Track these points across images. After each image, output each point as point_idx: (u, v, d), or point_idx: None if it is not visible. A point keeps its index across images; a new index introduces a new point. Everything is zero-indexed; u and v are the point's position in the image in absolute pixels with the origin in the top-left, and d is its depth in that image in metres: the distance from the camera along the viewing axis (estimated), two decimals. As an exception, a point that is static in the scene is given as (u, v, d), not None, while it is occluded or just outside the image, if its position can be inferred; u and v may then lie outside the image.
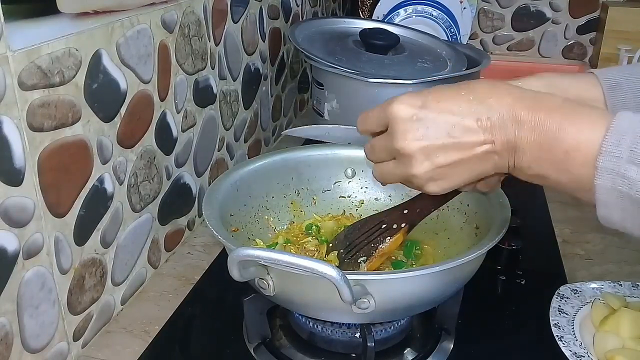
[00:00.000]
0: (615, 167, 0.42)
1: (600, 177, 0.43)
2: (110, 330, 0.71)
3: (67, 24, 0.58)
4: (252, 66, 1.07)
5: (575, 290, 0.73)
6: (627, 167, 0.41)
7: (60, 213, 0.60)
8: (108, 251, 0.70)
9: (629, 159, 0.41)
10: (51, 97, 0.57)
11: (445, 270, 0.54)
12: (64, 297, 0.63)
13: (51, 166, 0.58)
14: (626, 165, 0.41)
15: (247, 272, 0.54)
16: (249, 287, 0.61)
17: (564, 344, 0.63)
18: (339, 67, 1.00)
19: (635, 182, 0.41)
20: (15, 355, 0.57)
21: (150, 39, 0.73)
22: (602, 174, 0.43)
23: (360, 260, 0.65)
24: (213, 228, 0.60)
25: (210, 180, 0.94)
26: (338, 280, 0.49)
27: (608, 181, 0.42)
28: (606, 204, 0.44)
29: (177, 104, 0.81)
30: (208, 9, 0.87)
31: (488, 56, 1.15)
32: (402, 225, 0.65)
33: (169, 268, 0.83)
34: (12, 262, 0.55)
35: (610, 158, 0.42)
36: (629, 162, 0.41)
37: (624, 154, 0.42)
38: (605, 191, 0.43)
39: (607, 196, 0.43)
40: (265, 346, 0.66)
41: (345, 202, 0.81)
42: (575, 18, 1.63)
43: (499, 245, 0.77)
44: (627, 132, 0.42)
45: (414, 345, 0.67)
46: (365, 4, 1.60)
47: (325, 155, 0.79)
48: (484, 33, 1.72)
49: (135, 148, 0.72)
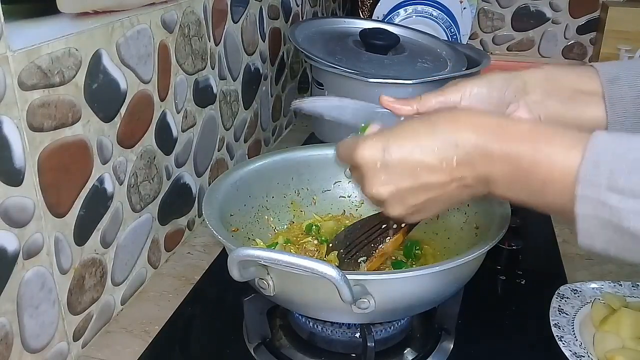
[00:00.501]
0: (595, 195, 0.40)
1: (580, 207, 0.41)
2: (110, 330, 0.71)
3: (67, 24, 0.58)
4: (252, 66, 1.07)
5: (575, 290, 0.73)
6: (608, 195, 0.39)
7: (60, 213, 0.60)
8: (108, 251, 0.70)
9: (608, 186, 0.39)
10: (51, 97, 0.57)
11: (445, 270, 0.54)
12: (64, 297, 0.63)
13: (51, 166, 0.58)
14: (606, 194, 0.39)
15: (247, 272, 0.54)
16: (249, 287, 0.61)
17: (564, 344, 0.63)
18: (339, 67, 1.00)
19: (617, 210, 0.39)
20: (15, 355, 0.57)
21: (150, 39, 0.73)
22: (582, 203, 0.40)
23: (360, 260, 0.65)
24: (213, 228, 0.60)
25: (210, 180, 0.94)
26: (338, 280, 0.49)
27: (589, 210, 0.40)
28: (588, 232, 0.42)
29: (177, 104, 0.81)
30: (208, 9, 0.87)
31: (488, 56, 1.15)
32: (402, 225, 0.65)
33: (169, 268, 0.83)
34: (12, 262, 0.55)
35: (589, 186, 0.40)
36: (608, 189, 0.39)
37: (602, 181, 0.39)
38: (586, 220, 0.41)
39: (589, 225, 0.41)
40: (265, 346, 0.66)
41: (345, 202, 0.81)
42: (575, 18, 1.63)
43: (499, 245, 0.76)
44: (605, 156, 0.40)
45: (414, 345, 0.67)
46: (365, 4, 1.60)
47: (325, 155, 0.79)
48: (484, 33, 1.72)
49: (135, 148, 0.72)
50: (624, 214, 0.39)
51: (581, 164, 0.40)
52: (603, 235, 0.41)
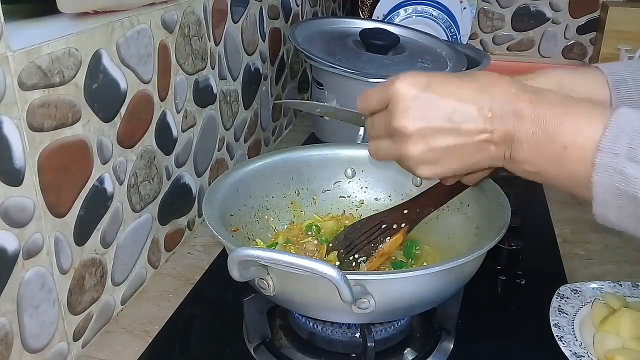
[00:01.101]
0: (613, 163, 0.41)
1: (597, 174, 0.42)
2: (110, 330, 0.71)
3: (67, 24, 0.58)
4: (252, 66, 1.07)
5: (575, 290, 0.72)
6: (625, 164, 0.41)
7: (60, 213, 0.60)
8: (108, 251, 0.70)
9: (627, 156, 0.41)
10: (51, 97, 0.57)
11: (445, 270, 0.54)
12: (64, 297, 0.63)
13: (51, 166, 0.58)
14: (624, 163, 0.41)
15: (247, 272, 0.54)
16: (249, 287, 0.61)
17: (564, 344, 0.63)
18: (339, 67, 1.00)
19: (633, 180, 0.41)
20: (15, 355, 0.57)
21: (150, 39, 0.73)
22: (600, 171, 0.42)
23: (360, 260, 0.65)
24: (213, 228, 0.60)
25: (210, 180, 0.94)
26: (338, 280, 0.49)
27: (605, 178, 0.42)
28: (603, 201, 0.43)
29: (177, 104, 0.81)
30: (208, 9, 0.87)
31: (488, 56, 1.15)
32: (402, 225, 0.65)
33: (169, 268, 0.83)
34: (12, 262, 0.55)
35: (608, 155, 0.42)
36: (627, 159, 0.41)
37: (622, 150, 0.41)
38: (602, 188, 0.42)
39: (604, 193, 0.43)
40: (265, 346, 0.66)
41: (345, 202, 0.81)
42: (575, 18, 1.63)
43: (499, 245, 0.77)
44: (625, 128, 0.42)
45: (414, 345, 0.67)
46: (365, 4, 1.60)
47: (325, 155, 0.79)
48: (484, 33, 1.72)
49: (135, 148, 0.72)
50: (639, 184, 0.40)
51: (602, 134, 0.42)
52: (617, 205, 0.42)
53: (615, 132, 0.42)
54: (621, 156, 0.41)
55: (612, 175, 0.42)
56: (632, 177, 0.41)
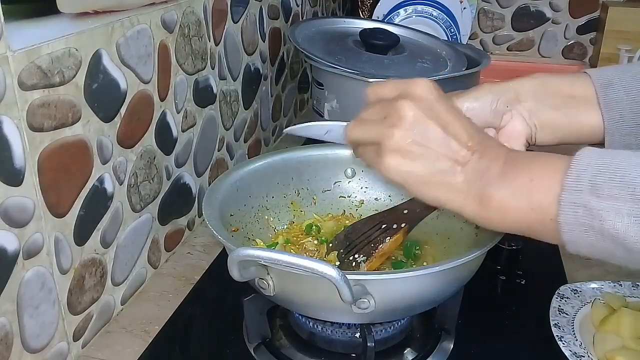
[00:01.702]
0: (578, 199, 0.42)
1: (564, 214, 0.43)
2: (110, 330, 0.71)
3: (67, 24, 0.58)
4: (252, 66, 1.07)
5: (575, 290, 0.73)
6: (589, 199, 0.42)
7: (60, 213, 0.60)
8: (108, 251, 0.70)
9: (590, 191, 0.42)
10: (51, 97, 0.57)
11: (445, 270, 0.54)
12: (64, 297, 0.63)
13: (51, 166, 0.58)
14: (588, 197, 0.42)
15: (247, 272, 0.54)
16: (249, 287, 0.61)
17: (564, 344, 0.63)
18: (339, 67, 1.00)
19: (598, 212, 0.41)
20: (15, 355, 0.57)
21: (150, 39, 0.73)
22: (566, 210, 0.43)
23: (360, 260, 0.65)
24: (213, 228, 0.60)
25: (210, 180, 0.94)
26: (338, 280, 0.49)
27: (571, 216, 0.43)
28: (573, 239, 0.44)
29: (177, 104, 0.81)
30: (208, 9, 0.87)
31: (488, 56, 1.15)
32: (402, 225, 0.65)
33: (169, 268, 0.83)
34: (12, 262, 0.55)
35: (572, 192, 0.43)
36: (590, 193, 0.42)
37: (584, 186, 0.42)
38: (570, 226, 0.43)
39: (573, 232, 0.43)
40: (265, 346, 0.66)
41: (345, 202, 0.81)
42: (575, 18, 1.63)
43: (499, 245, 0.76)
44: (589, 164, 0.43)
45: (414, 345, 0.67)
46: (365, 4, 1.60)
47: (325, 155, 0.79)
48: (484, 33, 1.72)
49: (135, 148, 0.72)
50: (604, 215, 0.41)
51: (566, 174, 0.43)
52: (587, 241, 0.43)
53: (577, 170, 0.43)
54: (584, 192, 0.42)
55: (576, 212, 0.43)
56: (596, 210, 0.42)
